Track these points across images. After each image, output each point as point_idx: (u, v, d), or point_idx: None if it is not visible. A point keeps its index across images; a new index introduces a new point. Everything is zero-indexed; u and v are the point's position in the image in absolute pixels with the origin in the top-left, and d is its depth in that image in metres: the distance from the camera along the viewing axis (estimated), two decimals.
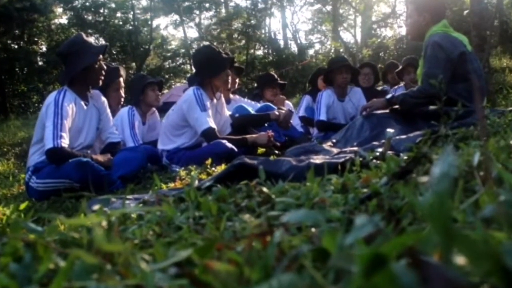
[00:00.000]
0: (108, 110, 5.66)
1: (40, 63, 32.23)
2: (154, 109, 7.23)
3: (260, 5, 38.55)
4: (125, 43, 35.65)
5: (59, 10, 35.24)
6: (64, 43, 5.42)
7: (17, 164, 10.65)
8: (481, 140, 2.36)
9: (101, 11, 36.22)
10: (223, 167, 4.09)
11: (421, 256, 0.63)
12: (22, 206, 2.38)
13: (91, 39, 5.47)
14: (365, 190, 1.64)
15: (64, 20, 35.99)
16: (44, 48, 32.99)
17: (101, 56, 5.27)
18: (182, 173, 4.28)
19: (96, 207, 1.39)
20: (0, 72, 28.74)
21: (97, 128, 5.45)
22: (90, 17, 36.16)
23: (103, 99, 5.60)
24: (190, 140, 5.91)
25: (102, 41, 32.87)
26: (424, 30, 5.26)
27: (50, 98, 5.01)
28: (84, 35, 5.35)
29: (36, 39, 32.32)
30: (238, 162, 2.96)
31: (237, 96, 8.32)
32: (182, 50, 41.61)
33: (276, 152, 5.63)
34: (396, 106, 5.21)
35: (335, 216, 1.29)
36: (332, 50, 37.85)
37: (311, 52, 41.07)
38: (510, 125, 3.28)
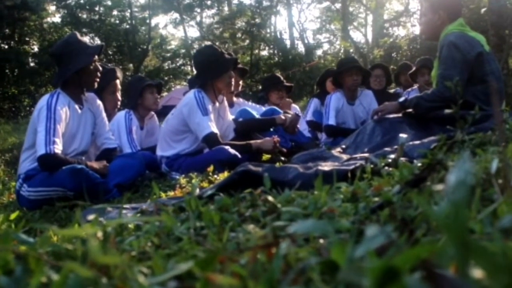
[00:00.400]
0: (104, 114, 5.65)
1: (32, 64, 32.23)
2: (152, 113, 7.22)
3: (265, 3, 38.51)
4: (122, 43, 35.68)
5: (52, 8, 35.27)
6: (57, 43, 5.42)
7: (7, 172, 10.66)
8: (499, 146, 2.36)
9: (97, 9, 36.25)
10: (225, 174, 4.10)
11: (436, 269, 0.63)
12: (13, 216, 2.38)
13: (86, 39, 5.48)
14: (376, 199, 1.64)
15: (57, 18, 36.04)
16: (36, 49, 33.03)
17: (96, 56, 5.27)
18: (183, 181, 4.29)
19: (91, 217, 1.39)
20: None
21: (92, 133, 5.45)
22: (84, 16, 36.19)
23: (99, 102, 5.60)
24: (191, 146, 5.91)
25: (97, 41, 32.97)
26: (439, 29, 5.25)
27: (43, 101, 5.01)
28: (78, 35, 5.34)
29: (27, 38, 32.37)
30: (242, 169, 2.97)
31: (241, 99, 8.34)
32: (183, 51, 41.64)
33: (282, 158, 5.63)
34: (410, 110, 5.20)
35: (345, 227, 1.30)
36: (342, 51, 37.86)
37: (319, 52, 41.03)
38: None
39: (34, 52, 32.73)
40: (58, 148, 4.82)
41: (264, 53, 40.72)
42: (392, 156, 2.71)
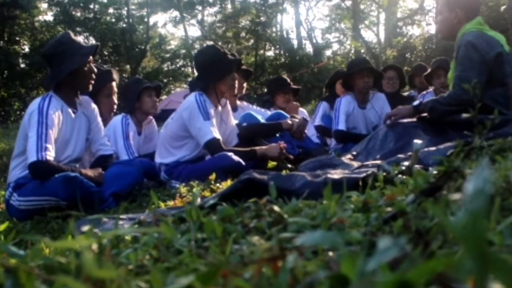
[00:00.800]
0: (99, 119, 5.64)
1: (22, 65, 32.36)
2: (151, 117, 7.22)
3: (271, 0, 38.59)
4: (118, 43, 35.78)
5: (43, 5, 35.43)
6: (49, 43, 5.43)
7: None
8: None
9: (91, 6, 36.40)
10: (229, 183, 4.10)
11: (453, 284, 0.63)
12: (2, 227, 2.38)
13: (80, 39, 5.49)
14: (389, 209, 1.64)
15: (49, 17, 36.21)
16: (26, 49, 33.17)
17: (91, 57, 5.27)
18: (183, 189, 4.28)
19: (85, 228, 1.39)
20: None
21: (86, 139, 5.44)
22: (78, 14, 36.32)
23: (93, 106, 5.59)
24: (192, 153, 5.91)
25: (92, 41, 33.03)
26: (456, 28, 5.24)
27: (34, 105, 5.00)
28: (72, 34, 5.34)
29: (18, 38, 32.50)
30: (246, 177, 2.97)
31: (245, 103, 8.33)
32: (183, 51, 41.76)
33: (289, 166, 5.63)
34: (425, 114, 5.19)
35: (356, 238, 1.30)
36: (352, 51, 37.98)
37: (328, 53, 41.16)
38: None
39: (24, 52, 32.86)
40: (50, 155, 4.81)
41: (270, 53, 40.83)
42: (406, 163, 2.71)
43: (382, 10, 36.72)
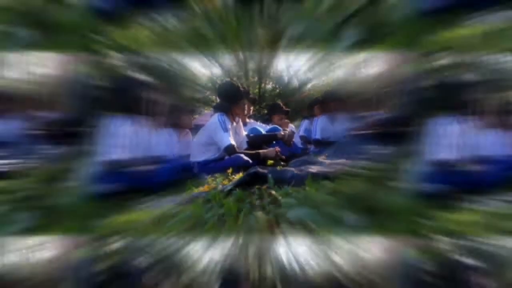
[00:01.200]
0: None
1: None
2: (187, 130, 7.26)
3: None
4: None
5: None
6: None
7: None
8: None
9: None
10: (241, 175, 4.10)
11: None
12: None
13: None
14: None
15: None
16: None
17: None
18: (210, 179, 4.28)
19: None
20: None
21: None
22: None
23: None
24: (216, 154, 5.95)
25: None
26: None
27: None
28: None
29: None
30: (253, 171, 2.96)
31: (252, 120, 8.35)
32: (209, 85, 41.84)
33: (282, 163, 5.64)
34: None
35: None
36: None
37: (309, 86, 41.15)
38: None
39: None
40: None
41: (269, 86, 40.84)
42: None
43: None
